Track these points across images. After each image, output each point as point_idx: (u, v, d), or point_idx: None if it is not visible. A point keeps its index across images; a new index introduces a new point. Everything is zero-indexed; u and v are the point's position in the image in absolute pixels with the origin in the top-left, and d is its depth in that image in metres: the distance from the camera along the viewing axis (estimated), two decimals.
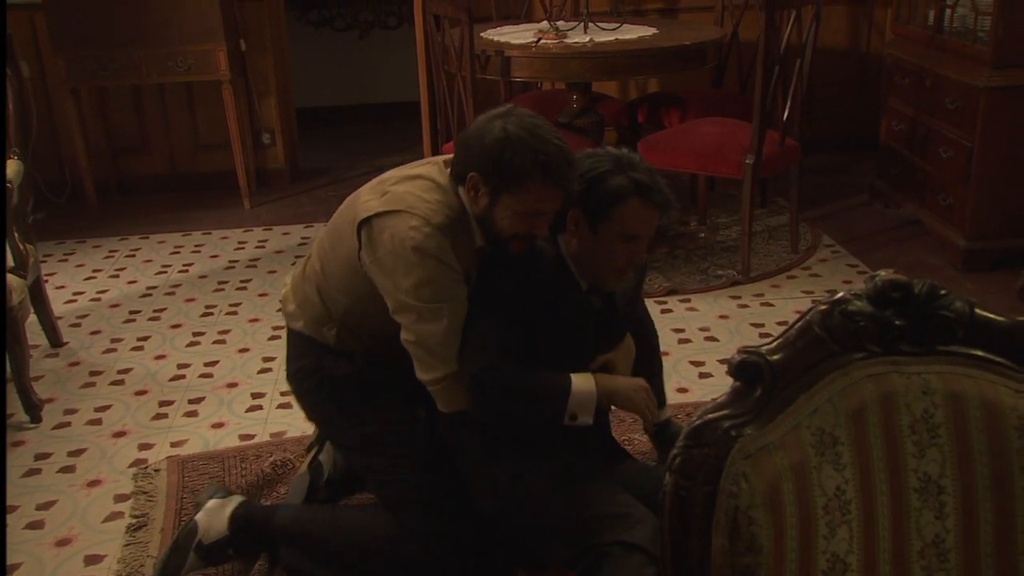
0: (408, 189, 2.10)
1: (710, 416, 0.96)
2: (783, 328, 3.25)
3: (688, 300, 3.82)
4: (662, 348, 3.41)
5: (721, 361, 3.34)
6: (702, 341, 3.49)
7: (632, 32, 4.23)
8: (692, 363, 3.33)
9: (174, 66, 4.77)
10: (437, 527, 2.15)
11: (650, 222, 2.06)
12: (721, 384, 3.16)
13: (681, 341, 3.49)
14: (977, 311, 0.99)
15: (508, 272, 2.09)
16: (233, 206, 5.11)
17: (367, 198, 2.13)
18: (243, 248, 4.57)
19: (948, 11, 4.08)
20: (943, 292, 0.99)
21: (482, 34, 4.27)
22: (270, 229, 4.80)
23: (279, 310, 2.39)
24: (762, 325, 3.59)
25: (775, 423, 0.96)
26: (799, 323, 0.99)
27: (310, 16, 6.66)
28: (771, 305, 3.75)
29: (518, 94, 4.83)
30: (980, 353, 1.00)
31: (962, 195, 3.89)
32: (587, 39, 4.06)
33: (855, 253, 4.23)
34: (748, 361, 0.96)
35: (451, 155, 2.16)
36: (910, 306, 0.98)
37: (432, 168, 2.15)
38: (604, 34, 4.17)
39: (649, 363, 2.49)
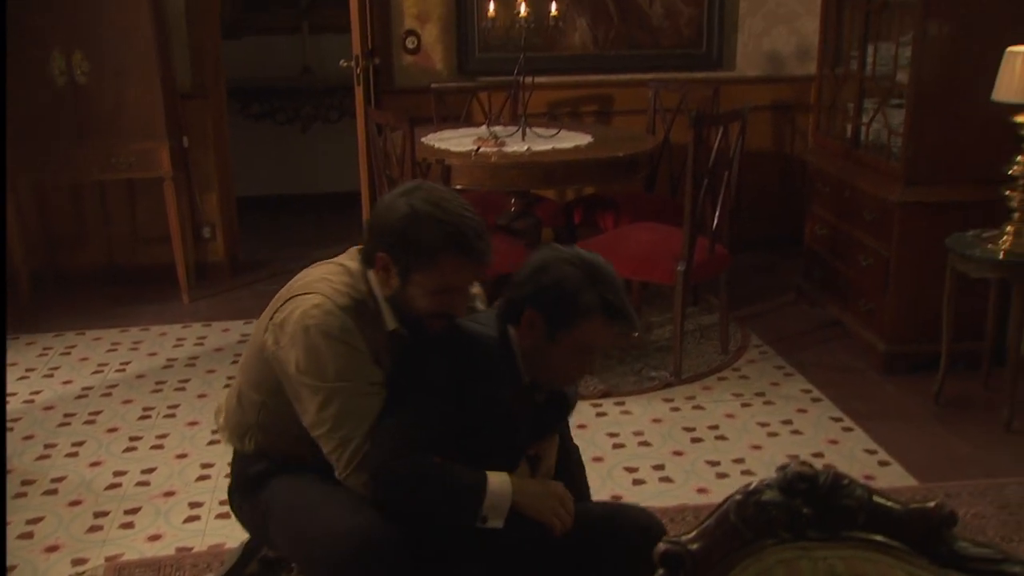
0: (318, 274, 2.10)
1: None
2: (713, 432, 3.34)
3: (623, 403, 3.92)
4: (597, 453, 3.51)
5: (655, 467, 3.43)
6: (636, 446, 3.58)
7: (569, 140, 4.40)
8: (626, 469, 3.41)
9: (116, 163, 4.81)
10: None
11: (610, 338, 2.06)
12: (654, 491, 3.25)
13: (615, 446, 3.57)
14: (875, 499, 1.09)
15: (441, 355, 2.04)
16: (172, 300, 5.11)
17: (282, 292, 2.13)
18: (182, 345, 4.56)
19: (864, 127, 4.33)
20: (845, 482, 1.09)
21: (423, 139, 4.40)
22: (209, 325, 4.81)
23: (215, 431, 2.40)
24: (694, 429, 3.70)
25: None
26: (717, 513, 1.08)
27: (251, 110, 6.76)
28: (702, 408, 3.87)
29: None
30: (879, 538, 1.10)
31: (881, 301, 4.09)
32: (525, 147, 4.21)
33: (782, 354, 4.38)
34: (671, 551, 1.05)
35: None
36: (816, 495, 1.08)
37: (345, 256, 2.15)
38: (542, 142, 4.33)
39: (578, 485, 2.39)
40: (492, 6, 4.59)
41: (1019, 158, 3.44)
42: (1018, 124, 3.39)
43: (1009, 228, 3.51)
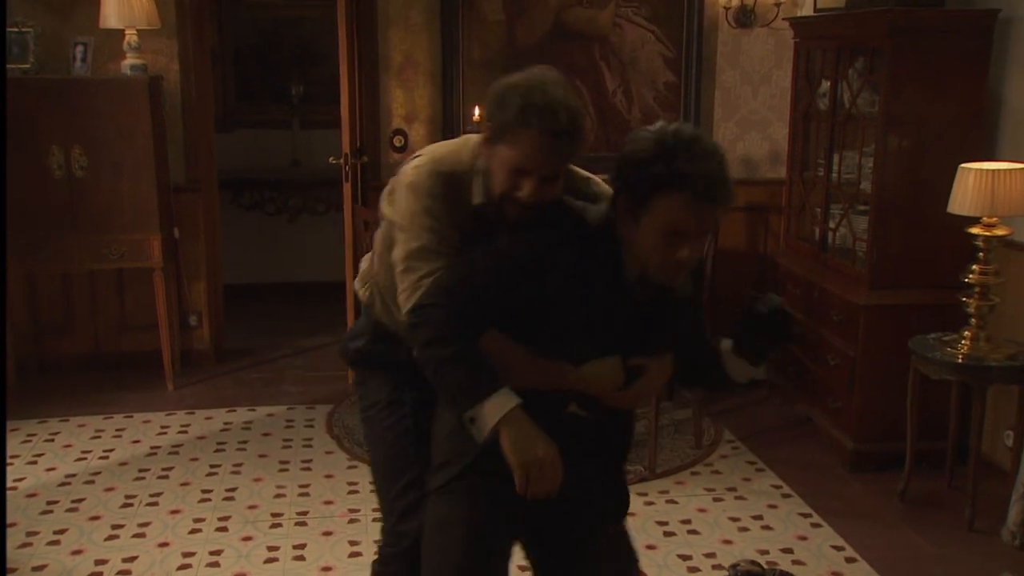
0: (443, 141, 2.24)
1: None
2: (685, 526, 3.43)
3: None
4: None
5: None
6: None
7: None
8: None
9: (108, 253, 4.93)
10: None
11: (697, 218, 1.82)
12: None
13: None
14: None
15: (537, 230, 1.95)
16: (157, 387, 5.18)
17: None
18: (165, 433, 4.63)
19: (831, 232, 4.53)
20: None
21: None
22: (193, 413, 4.87)
23: None
24: (667, 523, 3.78)
25: None
26: None
27: (242, 200, 6.93)
28: (676, 503, 3.96)
29: None
30: None
31: (848, 400, 4.23)
32: None
33: (753, 450, 4.49)
34: None
35: None
36: None
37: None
38: None
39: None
40: (477, 110, 4.80)
41: (974, 267, 3.62)
42: (972, 235, 3.59)
43: (967, 333, 3.68)
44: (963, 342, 3.67)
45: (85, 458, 4.33)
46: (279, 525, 3.72)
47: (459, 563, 1.99)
